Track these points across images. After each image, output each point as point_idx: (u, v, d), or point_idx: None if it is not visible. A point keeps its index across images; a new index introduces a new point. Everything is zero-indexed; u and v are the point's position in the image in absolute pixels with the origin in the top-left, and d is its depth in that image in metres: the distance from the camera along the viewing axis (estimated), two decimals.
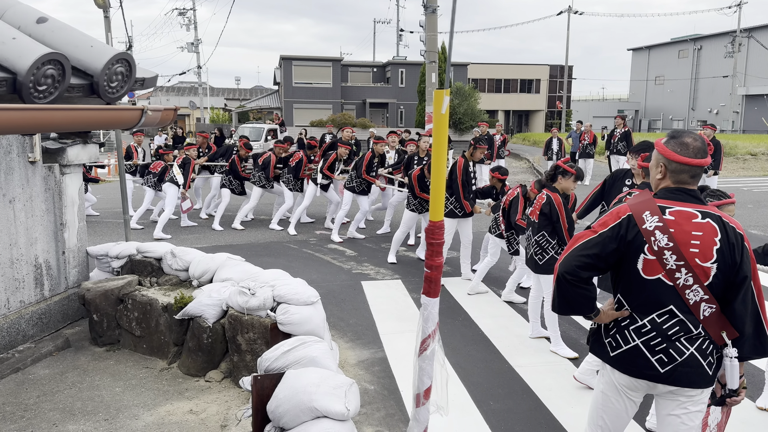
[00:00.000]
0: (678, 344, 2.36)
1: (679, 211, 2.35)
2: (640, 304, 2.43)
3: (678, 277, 2.32)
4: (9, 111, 1.82)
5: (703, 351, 2.37)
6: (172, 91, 56.08)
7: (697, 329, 2.36)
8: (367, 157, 9.27)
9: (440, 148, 1.85)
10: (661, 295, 2.37)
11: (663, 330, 2.38)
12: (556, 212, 4.99)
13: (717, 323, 2.37)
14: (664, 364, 2.38)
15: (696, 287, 2.32)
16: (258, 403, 2.69)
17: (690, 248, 2.30)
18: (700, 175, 2.43)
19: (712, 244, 2.29)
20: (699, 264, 2.30)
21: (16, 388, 4.34)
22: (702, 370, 2.36)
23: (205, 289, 4.76)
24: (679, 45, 50.46)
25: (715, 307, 2.35)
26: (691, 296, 2.33)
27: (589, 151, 15.97)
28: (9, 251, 4.88)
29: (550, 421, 3.96)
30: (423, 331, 2.17)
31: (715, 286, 2.33)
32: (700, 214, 2.34)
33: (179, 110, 21.91)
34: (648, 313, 2.40)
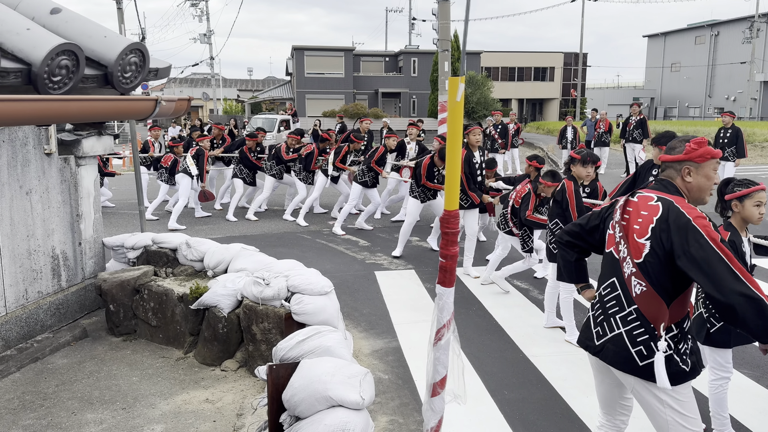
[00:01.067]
0: (612, 320, 2.47)
1: (643, 195, 2.51)
2: (600, 277, 2.63)
3: (620, 249, 2.48)
4: (24, 102, 1.82)
5: (633, 336, 2.40)
6: (185, 82, 56.29)
7: (629, 308, 2.42)
8: (379, 152, 9.23)
9: (455, 137, 1.84)
10: (609, 266, 2.55)
11: (604, 303, 2.53)
12: (567, 200, 4.93)
13: (651, 307, 2.37)
14: (599, 337, 2.52)
15: (629, 259, 2.43)
16: (273, 392, 2.70)
17: (634, 224, 2.44)
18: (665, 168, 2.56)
19: (649, 223, 2.39)
20: (635, 239, 2.42)
21: (35, 377, 4.40)
22: (627, 354, 2.39)
23: (220, 280, 4.78)
24: (695, 31, 49.70)
25: (646, 286, 2.36)
26: (626, 269, 2.45)
27: (605, 140, 15.81)
28: (27, 242, 4.93)
29: (564, 411, 3.95)
30: (438, 321, 2.17)
31: (646, 264, 2.37)
32: (656, 197, 2.46)
33: (192, 101, 21.91)
34: (600, 285, 2.60)
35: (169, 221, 9.57)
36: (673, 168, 2.52)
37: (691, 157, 2.46)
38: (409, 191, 7.94)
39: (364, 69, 38.85)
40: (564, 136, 16.47)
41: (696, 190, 2.49)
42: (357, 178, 9.34)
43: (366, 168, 9.24)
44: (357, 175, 9.36)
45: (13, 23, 2.14)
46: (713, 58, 47.52)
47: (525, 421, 3.82)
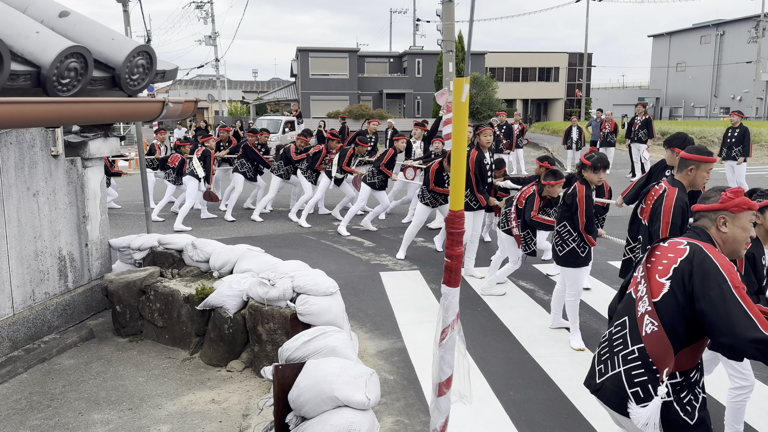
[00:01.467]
0: (615, 359, 2.38)
1: (674, 241, 2.45)
2: (615, 316, 2.55)
3: (639, 289, 2.42)
4: (34, 104, 1.84)
5: (631, 376, 2.29)
6: (190, 84, 56.41)
7: (633, 346, 2.32)
8: (389, 155, 9.15)
9: (460, 137, 1.84)
10: (625, 306, 2.48)
11: (612, 341, 2.45)
12: (576, 204, 4.88)
13: (658, 348, 2.25)
14: (600, 375, 2.43)
15: (645, 298, 2.36)
16: (279, 392, 2.71)
17: (658, 265, 2.38)
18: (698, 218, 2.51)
19: (673, 263, 2.33)
20: (656, 279, 2.35)
21: (42, 378, 4.43)
22: (623, 394, 2.29)
23: (226, 280, 4.80)
24: (701, 31, 49.53)
25: (658, 326, 2.26)
26: (640, 307, 2.37)
27: (610, 140, 15.74)
28: (33, 243, 4.96)
29: (570, 411, 3.95)
30: (443, 321, 2.17)
31: (663, 304, 2.28)
32: (686, 242, 2.39)
33: (202, 103, 21.91)
34: (612, 324, 2.52)
35: (175, 223, 9.60)
36: (708, 217, 2.45)
37: (727, 206, 2.39)
38: (420, 197, 7.86)
39: (369, 70, 38.88)
40: (569, 136, 16.44)
41: (731, 241, 2.41)
42: (366, 179, 9.28)
43: (375, 170, 9.18)
44: (366, 177, 9.30)
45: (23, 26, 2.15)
46: (719, 57, 47.34)
47: (531, 422, 3.82)
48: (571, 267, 4.97)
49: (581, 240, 4.93)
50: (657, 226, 3.88)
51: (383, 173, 9.13)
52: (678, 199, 3.83)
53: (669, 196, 3.87)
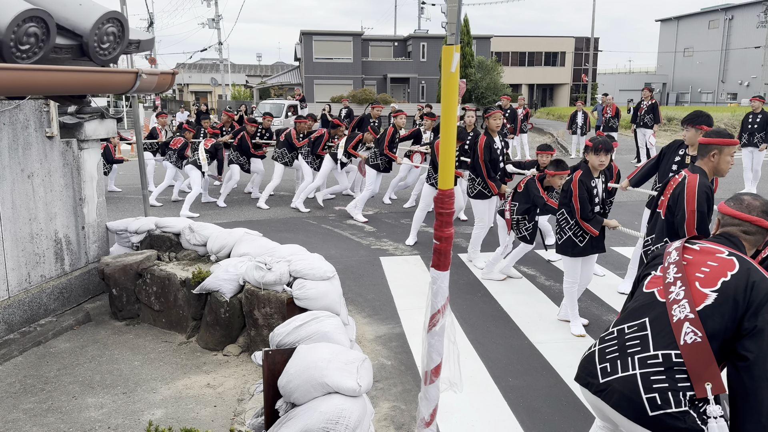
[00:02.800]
0: (629, 360, 2.19)
1: (707, 246, 2.33)
2: (625, 315, 2.37)
3: (671, 290, 2.24)
4: None
5: (649, 381, 2.11)
6: (193, 68, 56.19)
7: (657, 350, 2.15)
8: (389, 133, 8.98)
9: (449, 110, 1.74)
10: (645, 306, 2.30)
11: (625, 341, 2.26)
12: (571, 190, 4.75)
13: (701, 363, 2.09)
14: (605, 374, 2.23)
15: (684, 302, 2.18)
16: (269, 377, 2.66)
17: (696, 271, 2.22)
18: (754, 232, 2.37)
19: (721, 275, 2.17)
20: (697, 287, 2.19)
21: (37, 361, 4.39)
22: (635, 398, 2.11)
23: (223, 264, 4.74)
24: (709, 15, 48.88)
25: (701, 337, 2.10)
26: (676, 312, 2.18)
27: (612, 125, 15.56)
28: (29, 226, 4.91)
29: (570, 398, 3.89)
30: (432, 306, 2.10)
31: (706, 316, 2.13)
32: (727, 252, 2.26)
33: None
34: (622, 322, 2.33)
35: (182, 209, 9.54)
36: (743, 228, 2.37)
37: None
38: (426, 179, 7.71)
39: (373, 54, 38.58)
40: (574, 121, 16.29)
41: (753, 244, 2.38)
42: (368, 161, 9.16)
43: (378, 151, 9.05)
44: (369, 159, 9.18)
45: None
46: (727, 42, 46.76)
47: (529, 409, 3.77)
48: (567, 256, 4.87)
49: (579, 229, 4.78)
50: (681, 215, 3.64)
51: (386, 155, 9.00)
52: (701, 184, 3.58)
53: (690, 182, 3.63)
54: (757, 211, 2.36)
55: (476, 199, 6.66)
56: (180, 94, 57.12)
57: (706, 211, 3.55)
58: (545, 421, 3.64)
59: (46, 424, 3.58)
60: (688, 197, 3.61)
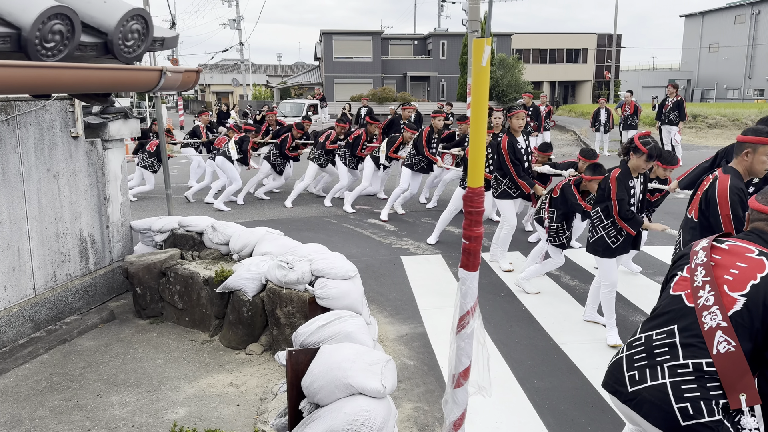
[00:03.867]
0: (658, 369, 2.11)
1: (736, 245, 2.22)
2: (652, 318, 2.30)
3: (700, 295, 2.13)
4: (11, 68, 1.74)
5: (680, 390, 2.04)
6: (215, 68, 56.68)
7: (687, 359, 2.07)
8: (425, 133, 8.66)
9: (480, 105, 1.69)
10: (672, 312, 2.21)
11: (653, 348, 2.18)
12: (609, 186, 4.50)
13: (735, 373, 2.00)
14: (633, 383, 2.16)
15: (715, 309, 2.08)
16: (293, 378, 2.64)
17: (724, 273, 2.13)
18: None
19: (750, 278, 2.08)
20: (726, 291, 2.10)
21: (62, 359, 4.44)
22: (667, 408, 2.03)
23: (245, 263, 4.75)
24: (735, 10, 47.94)
25: (735, 346, 2.01)
26: (707, 319, 2.08)
27: (631, 122, 15.29)
28: (54, 225, 4.96)
29: (596, 400, 3.82)
30: (461, 308, 2.06)
31: (737, 323, 2.03)
32: (757, 251, 2.16)
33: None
34: (651, 328, 2.25)
35: (216, 202, 9.65)
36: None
37: None
38: (460, 183, 7.47)
39: (393, 53, 38.52)
40: (597, 118, 16.08)
41: None
42: (404, 161, 8.93)
43: (415, 152, 8.79)
44: (404, 160, 8.94)
45: None
46: (754, 37, 45.82)
47: (555, 411, 3.71)
48: (598, 256, 4.67)
49: (614, 228, 4.55)
50: (715, 220, 3.47)
51: (426, 157, 8.70)
52: (732, 186, 3.39)
53: (721, 183, 3.44)
54: None
55: (501, 198, 6.54)
56: (202, 94, 57.67)
57: (742, 214, 3.38)
58: (571, 424, 3.57)
59: (72, 422, 3.61)
60: (720, 201, 3.45)
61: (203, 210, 9.60)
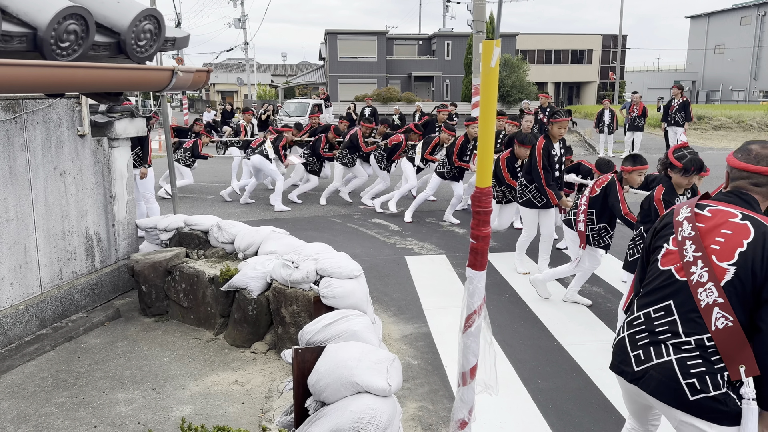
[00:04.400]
0: (662, 346, 2.15)
1: (719, 210, 2.20)
2: (645, 294, 2.31)
3: (693, 271, 2.14)
4: (28, 67, 1.76)
5: (686, 366, 2.08)
6: (220, 67, 56.75)
7: (689, 337, 2.11)
8: (459, 143, 8.37)
9: (489, 107, 1.71)
10: (665, 288, 2.22)
11: (654, 326, 2.20)
12: (655, 207, 4.17)
13: (734, 346, 2.04)
14: (639, 362, 2.20)
15: (710, 286, 2.08)
16: (299, 376, 2.65)
17: (712, 243, 2.12)
18: (765, 183, 2.21)
19: (737, 246, 2.07)
20: (715, 262, 2.09)
21: (68, 356, 4.46)
22: (674, 385, 2.09)
23: (250, 262, 4.77)
24: (741, 11, 47.80)
25: (733, 320, 2.04)
26: (703, 296, 2.10)
27: (638, 124, 15.26)
28: (61, 223, 4.99)
29: (600, 401, 3.83)
30: (468, 307, 2.07)
31: (730, 294, 2.05)
32: (741, 215, 2.14)
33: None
34: (646, 304, 2.27)
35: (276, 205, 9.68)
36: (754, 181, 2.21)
37: None
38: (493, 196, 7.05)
39: (397, 53, 38.55)
40: (601, 119, 16.06)
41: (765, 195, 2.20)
42: (436, 168, 8.78)
43: (446, 159, 8.59)
44: (437, 167, 8.78)
45: None
46: (759, 39, 45.66)
47: (559, 411, 3.71)
48: None
49: None
50: None
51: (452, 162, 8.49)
52: None
53: None
54: (767, 160, 2.21)
55: (524, 207, 6.29)
56: (207, 93, 57.77)
57: None
58: (575, 424, 3.58)
59: (78, 419, 3.63)
60: None
61: (235, 209, 9.62)
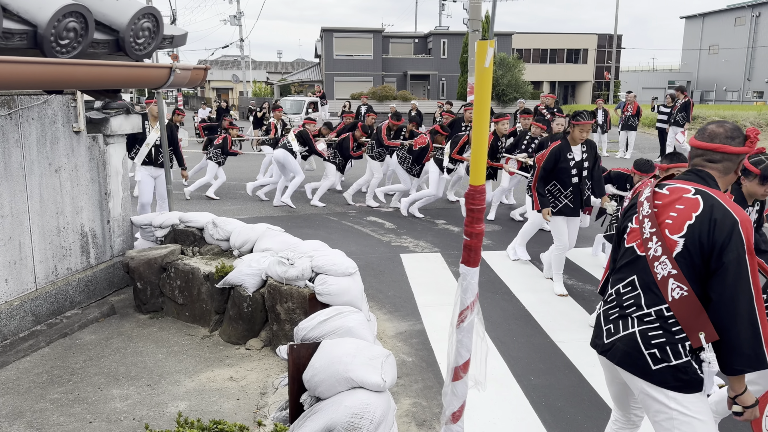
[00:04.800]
0: (628, 319, 2.30)
1: (676, 187, 2.31)
2: (615, 271, 2.46)
3: (650, 246, 2.26)
4: (28, 64, 1.77)
5: (648, 337, 2.20)
6: (215, 64, 56.62)
7: (650, 308, 2.23)
8: (489, 140, 8.27)
9: (482, 106, 1.73)
10: (630, 264, 2.35)
11: (622, 301, 2.35)
12: None
13: (692, 314, 2.14)
14: (609, 335, 2.36)
15: (664, 259, 2.20)
16: (294, 371, 2.67)
17: (666, 218, 2.24)
18: (719, 160, 2.29)
19: (686, 219, 2.18)
20: (667, 235, 2.21)
21: (63, 353, 4.47)
22: (637, 354, 2.21)
23: (246, 259, 4.78)
24: (735, 12, 48.04)
25: (688, 290, 2.14)
26: (659, 269, 2.21)
27: (632, 123, 15.34)
28: (56, 219, 4.99)
29: (592, 398, 3.86)
30: (461, 302, 2.10)
31: (682, 265, 2.16)
32: (693, 190, 2.24)
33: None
34: (616, 283, 2.42)
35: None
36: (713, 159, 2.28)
37: None
38: None
39: (393, 51, 38.56)
40: (595, 119, 16.12)
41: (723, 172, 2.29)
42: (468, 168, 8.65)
43: None
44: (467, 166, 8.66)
45: None
46: (753, 40, 45.91)
47: (551, 408, 3.74)
48: None
49: None
50: None
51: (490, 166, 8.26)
52: None
53: None
54: (720, 138, 2.27)
55: (557, 215, 5.82)
56: (202, 90, 57.62)
57: None
58: (568, 420, 3.62)
59: (73, 414, 3.64)
60: None
61: (231, 206, 9.62)
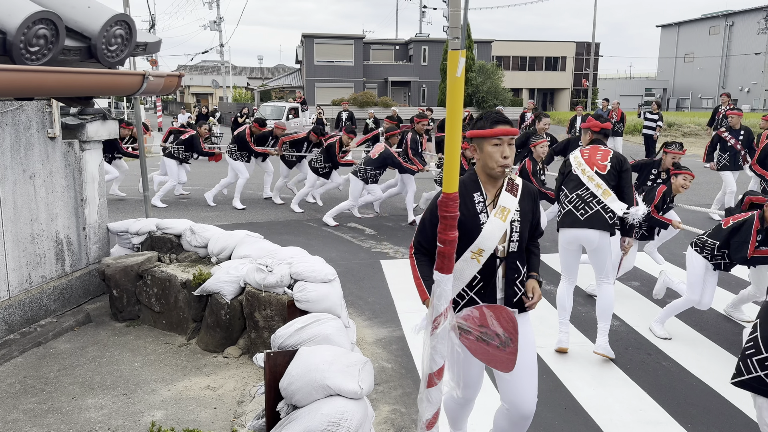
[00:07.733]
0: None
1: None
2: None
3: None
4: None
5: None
6: (194, 70, 56.25)
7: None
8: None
9: (455, 115, 1.76)
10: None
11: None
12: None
13: None
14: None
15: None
16: (271, 380, 2.66)
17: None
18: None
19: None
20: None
21: (37, 362, 4.39)
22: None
23: (223, 266, 4.75)
24: (710, 21, 49.02)
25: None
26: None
27: (618, 129, 15.59)
28: (30, 226, 4.91)
29: (569, 402, 3.90)
30: (435, 309, 2.11)
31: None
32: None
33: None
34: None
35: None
36: None
37: None
38: None
39: (374, 57, 38.65)
40: (573, 125, 16.33)
41: None
42: None
43: None
44: None
45: None
46: (727, 48, 46.86)
47: None
48: None
49: None
50: None
51: None
52: None
53: None
54: None
55: None
56: (181, 95, 57.19)
57: None
58: (545, 426, 3.64)
59: (46, 425, 3.58)
60: None
61: (209, 212, 9.55)
